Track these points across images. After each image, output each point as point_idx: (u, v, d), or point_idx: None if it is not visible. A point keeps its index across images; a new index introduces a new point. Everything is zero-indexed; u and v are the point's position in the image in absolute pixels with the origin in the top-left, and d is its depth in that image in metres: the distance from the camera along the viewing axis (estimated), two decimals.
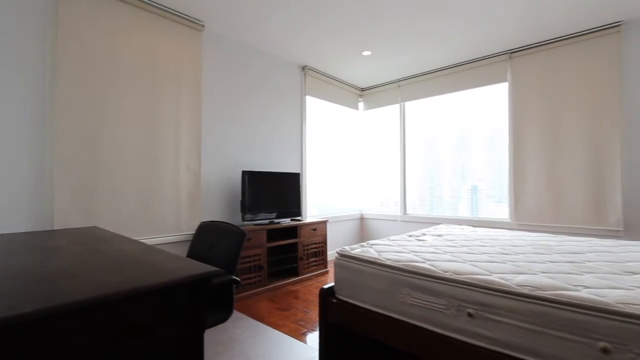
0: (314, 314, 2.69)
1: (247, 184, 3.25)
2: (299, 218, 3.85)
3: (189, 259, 1.11)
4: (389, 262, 1.61)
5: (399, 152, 4.80)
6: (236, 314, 2.67)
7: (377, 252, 1.79)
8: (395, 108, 4.85)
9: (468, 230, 2.73)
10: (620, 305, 1.05)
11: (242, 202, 3.21)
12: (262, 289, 3.20)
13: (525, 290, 1.21)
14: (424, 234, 2.48)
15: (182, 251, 2.85)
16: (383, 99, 4.94)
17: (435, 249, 1.90)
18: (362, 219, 5.22)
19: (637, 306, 1.04)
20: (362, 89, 5.16)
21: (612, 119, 3.10)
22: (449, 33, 3.30)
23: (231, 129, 3.39)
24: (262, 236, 3.21)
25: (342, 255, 1.80)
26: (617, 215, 3.06)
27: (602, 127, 3.16)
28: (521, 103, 3.64)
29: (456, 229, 2.75)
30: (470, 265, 1.50)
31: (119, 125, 2.56)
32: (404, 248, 1.89)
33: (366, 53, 3.78)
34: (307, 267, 3.73)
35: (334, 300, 1.79)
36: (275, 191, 3.56)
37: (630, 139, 3.05)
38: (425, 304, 1.44)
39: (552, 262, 1.59)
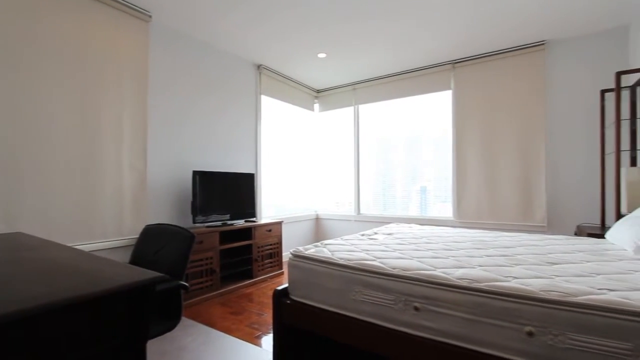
0: (269, 316, 2.66)
1: (198, 184, 3.12)
2: (254, 219, 3.78)
3: (129, 266, 1.03)
4: (341, 262, 1.64)
5: (353, 153, 4.93)
6: (186, 321, 2.55)
7: (330, 251, 1.81)
8: (349, 110, 4.97)
9: (416, 228, 2.89)
10: (542, 293, 1.18)
11: (193, 204, 3.08)
12: (215, 293, 3.09)
13: (464, 283, 1.31)
14: (375, 233, 2.57)
15: (125, 257, 2.65)
16: (338, 101, 5.04)
17: (386, 247, 1.98)
18: (317, 219, 5.27)
19: (555, 292, 1.17)
20: (318, 91, 5.21)
21: (538, 127, 3.48)
22: (400, 41, 3.46)
23: (182, 127, 3.23)
24: (215, 238, 3.10)
25: (296, 256, 1.80)
26: (542, 212, 3.44)
27: (530, 134, 3.52)
28: (463, 110, 3.93)
29: (405, 228, 2.89)
30: (416, 262, 1.59)
31: (44, 120, 2.30)
32: (356, 247, 1.94)
33: (321, 55, 3.83)
34: (262, 269, 3.68)
35: (288, 302, 1.78)
36: (229, 192, 3.46)
37: (553, 146, 3.44)
38: (376, 301, 1.49)
39: (488, 256, 1.74)
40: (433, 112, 4.28)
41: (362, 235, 2.48)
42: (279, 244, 3.93)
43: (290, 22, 3.08)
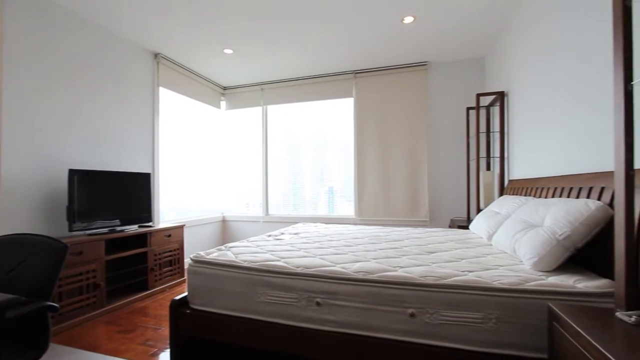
0: (168, 329, 2.43)
1: (77, 185, 2.66)
2: (150, 224, 3.41)
3: None
4: (246, 264, 1.61)
5: (261, 154, 4.88)
6: (58, 349, 2.14)
7: (234, 254, 1.77)
8: (258, 110, 4.91)
9: (321, 227, 3.03)
10: (421, 279, 1.37)
11: (70, 208, 2.61)
12: (99, 311, 2.68)
13: (359, 276, 1.43)
14: (282, 233, 2.60)
15: None
16: (246, 100, 4.92)
17: (291, 246, 2.02)
18: (224, 221, 5.05)
19: (431, 277, 1.38)
20: (225, 88, 5.00)
21: (421, 135, 4.03)
22: (307, 47, 3.57)
23: (54, 118, 2.70)
24: (99, 248, 2.69)
25: (197, 262, 1.70)
26: (425, 209, 3.99)
27: (415, 141, 4.06)
28: (362, 117, 4.29)
29: (311, 227, 3.00)
30: (319, 259, 1.67)
31: None
32: (261, 248, 1.93)
33: (228, 51, 3.69)
34: (160, 279, 3.34)
35: (188, 311, 1.67)
36: (119, 194, 3.04)
37: (433, 152, 4.03)
38: (280, 300, 1.51)
39: (381, 249, 1.94)
40: (338, 116, 4.55)
41: (269, 236, 2.48)
42: (180, 249, 3.63)
43: (195, 13, 2.88)
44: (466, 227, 3.21)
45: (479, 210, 3.19)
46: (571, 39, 1.87)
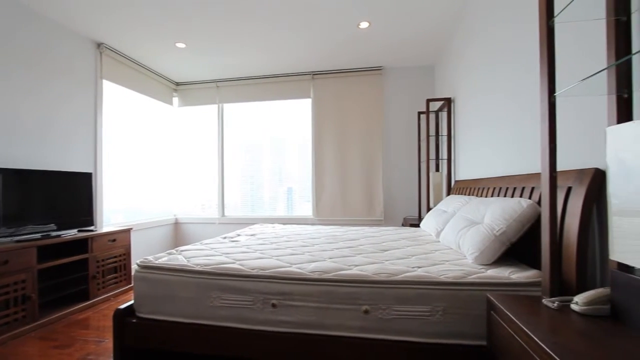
0: (111, 342, 2.26)
1: (1, 186, 2.37)
2: (92, 228, 3.14)
3: None
4: (198, 268, 1.55)
5: (217, 153, 4.72)
6: None
7: (186, 258, 1.69)
8: (213, 108, 4.74)
9: (279, 228, 3.01)
10: (374, 276, 1.42)
11: None
12: (30, 326, 2.41)
13: (315, 275, 1.45)
14: (238, 235, 2.54)
15: None
16: (200, 97, 4.73)
17: (247, 248, 1.98)
18: (176, 224, 4.81)
19: (383, 274, 1.43)
20: (177, 84, 4.77)
21: (377, 137, 4.18)
22: (264, 45, 3.53)
23: None
24: (30, 256, 2.42)
25: (144, 267, 1.60)
26: (380, 208, 4.14)
27: (371, 143, 4.19)
28: (320, 118, 4.34)
29: (269, 228, 2.97)
30: (275, 260, 1.66)
31: None
32: (216, 251, 1.87)
33: (180, 45, 3.52)
34: (104, 287, 3.09)
35: (134, 320, 1.57)
36: (55, 196, 2.76)
37: (387, 153, 4.19)
38: (234, 304, 1.48)
39: (337, 249, 1.97)
40: (297, 117, 4.55)
41: (224, 238, 2.41)
42: (126, 255, 3.39)
43: (143, 2, 2.71)
44: (417, 225, 3.38)
45: (429, 209, 3.38)
46: (508, 48, 2.05)
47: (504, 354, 1.01)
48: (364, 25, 3.10)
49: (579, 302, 0.95)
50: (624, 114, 0.95)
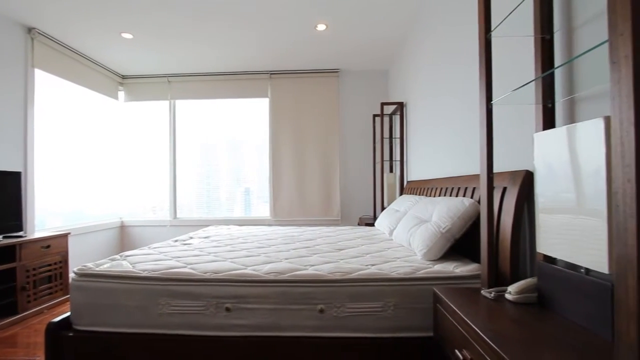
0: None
1: None
2: (21, 234, 2.82)
3: None
4: (145, 274, 1.46)
5: (169, 152, 4.48)
6: None
7: (131, 264, 1.58)
8: (164, 104, 4.49)
9: (234, 229, 2.93)
10: (329, 275, 1.44)
11: None
12: None
13: (270, 277, 1.43)
14: (191, 238, 2.44)
15: None
16: (150, 93, 4.46)
17: (200, 251, 1.91)
18: (123, 227, 4.48)
19: (338, 273, 1.46)
20: (124, 77, 4.45)
21: (334, 138, 4.25)
22: (219, 42, 3.42)
23: None
24: None
25: (82, 275, 1.47)
26: (337, 208, 4.21)
27: (328, 143, 4.25)
28: (277, 118, 4.31)
29: (224, 229, 2.88)
30: (229, 263, 1.61)
31: None
32: (165, 255, 1.78)
33: (127, 35, 3.29)
34: (35, 299, 2.78)
35: (71, 334, 1.43)
36: None
37: (344, 154, 4.28)
38: (186, 310, 1.41)
39: (294, 249, 1.97)
40: (255, 116, 4.47)
41: (175, 241, 2.30)
42: (63, 262, 3.09)
43: None
44: (372, 224, 3.49)
45: (383, 209, 3.50)
46: (455, 54, 2.19)
47: (449, 342, 1.08)
48: (321, 27, 3.13)
49: (511, 291, 1.05)
50: (548, 122, 1.06)
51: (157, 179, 4.52)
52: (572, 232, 0.84)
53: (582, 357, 0.71)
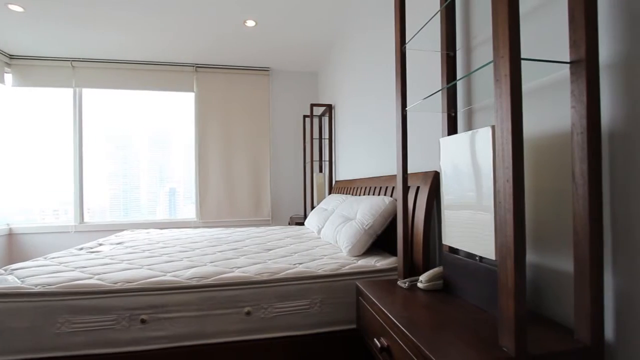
0: None
1: None
2: None
3: None
4: (37, 289, 1.25)
5: (73, 148, 3.92)
6: None
7: (19, 278, 1.35)
8: (67, 92, 3.91)
9: (154, 233, 2.70)
10: (256, 276, 1.42)
11: None
12: None
13: (193, 282, 1.35)
14: (100, 244, 2.17)
15: None
16: (48, 78, 3.84)
17: (111, 259, 1.71)
18: (10, 235, 3.78)
19: (265, 274, 1.44)
20: (11, 57, 3.75)
21: (265, 137, 4.20)
22: (136, 27, 3.10)
23: None
24: None
25: None
26: (267, 208, 4.16)
27: (259, 142, 4.18)
28: (204, 114, 4.09)
29: (142, 234, 2.63)
30: (146, 270, 1.48)
31: None
32: (66, 266, 1.55)
33: (15, 8, 2.78)
34: None
35: None
36: None
37: (275, 153, 4.25)
38: (91, 326, 1.25)
39: (220, 252, 1.89)
40: (180, 112, 4.16)
41: (80, 249, 2.02)
42: None
43: None
44: (302, 224, 3.53)
45: (313, 208, 3.57)
46: (378, 61, 2.34)
47: (370, 332, 1.15)
48: (250, 23, 3.06)
49: (422, 280, 1.16)
50: (452, 128, 1.20)
51: (59, 178, 3.91)
52: (471, 225, 0.96)
53: (477, 333, 0.82)
